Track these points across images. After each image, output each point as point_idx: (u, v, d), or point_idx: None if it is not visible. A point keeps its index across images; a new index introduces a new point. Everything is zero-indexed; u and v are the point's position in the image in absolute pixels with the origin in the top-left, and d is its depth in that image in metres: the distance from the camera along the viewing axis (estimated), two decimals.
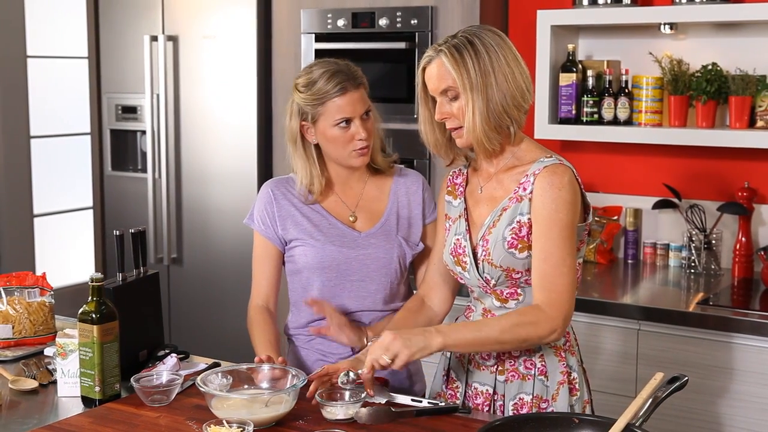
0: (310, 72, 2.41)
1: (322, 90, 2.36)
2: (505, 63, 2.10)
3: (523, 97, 2.13)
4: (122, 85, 4.78)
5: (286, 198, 2.50)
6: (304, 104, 2.40)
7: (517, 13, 4.04)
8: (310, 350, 2.53)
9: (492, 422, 1.86)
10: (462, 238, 2.23)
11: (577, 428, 1.85)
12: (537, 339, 2.10)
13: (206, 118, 4.55)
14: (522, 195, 2.13)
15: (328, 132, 2.39)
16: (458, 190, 2.31)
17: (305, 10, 4.22)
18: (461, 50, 2.11)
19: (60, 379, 2.29)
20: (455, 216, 2.28)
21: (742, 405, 3.02)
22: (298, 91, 2.42)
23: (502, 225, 2.15)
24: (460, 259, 2.23)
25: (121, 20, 4.73)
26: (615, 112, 3.69)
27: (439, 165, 3.97)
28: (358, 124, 2.38)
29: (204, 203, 4.59)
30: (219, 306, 4.58)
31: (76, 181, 5.23)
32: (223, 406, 2.06)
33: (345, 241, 2.46)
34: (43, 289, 2.74)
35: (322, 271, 2.46)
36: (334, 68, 2.39)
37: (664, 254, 3.78)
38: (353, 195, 2.52)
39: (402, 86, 4.02)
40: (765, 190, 3.60)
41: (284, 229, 2.49)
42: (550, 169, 2.11)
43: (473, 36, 2.13)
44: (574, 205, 2.10)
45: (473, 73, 2.09)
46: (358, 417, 2.06)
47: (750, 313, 3.08)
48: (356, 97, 2.39)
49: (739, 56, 3.56)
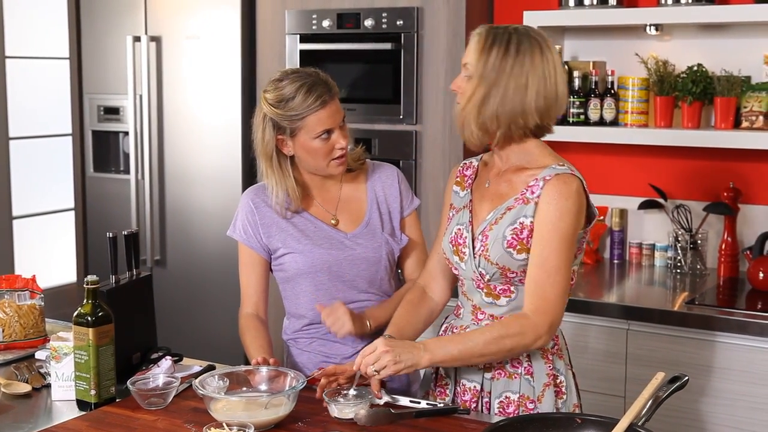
0: (282, 87, 2.37)
1: (302, 105, 2.34)
2: (525, 74, 2.09)
3: (524, 115, 2.11)
4: (104, 86, 4.75)
5: (267, 205, 2.49)
6: (281, 119, 2.37)
7: (502, 14, 4.05)
8: (311, 353, 2.53)
9: (497, 423, 1.87)
10: (464, 228, 2.24)
11: (580, 428, 1.86)
12: (523, 348, 2.13)
13: (190, 119, 4.52)
14: (529, 198, 2.14)
15: (309, 144, 2.38)
16: (467, 181, 2.32)
17: (290, 10, 4.21)
18: (495, 41, 2.11)
19: (54, 383, 2.27)
20: (460, 206, 2.30)
21: (728, 403, 3.05)
22: (272, 107, 2.37)
23: (504, 223, 2.16)
24: (460, 249, 2.24)
25: (103, 21, 4.69)
26: (601, 112, 3.71)
27: (424, 166, 3.97)
28: (338, 133, 2.39)
29: (188, 205, 4.56)
30: (203, 308, 4.55)
31: (57, 183, 5.19)
32: (223, 408, 2.05)
33: (333, 243, 2.46)
34: (33, 292, 2.72)
35: (315, 275, 2.46)
36: (309, 81, 2.37)
37: (649, 254, 3.80)
38: (331, 198, 2.52)
39: (388, 87, 4.02)
40: (750, 190, 3.64)
41: (269, 237, 2.48)
42: (562, 178, 2.12)
43: (516, 35, 2.12)
44: (577, 216, 2.12)
45: (491, 66, 2.10)
46: (358, 419, 2.06)
47: (736, 312, 3.10)
48: (335, 108, 2.39)
49: (725, 57, 3.59)
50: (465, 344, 2.12)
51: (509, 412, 2.19)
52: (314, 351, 2.52)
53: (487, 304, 2.22)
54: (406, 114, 3.99)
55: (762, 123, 3.46)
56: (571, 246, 2.11)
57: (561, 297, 2.11)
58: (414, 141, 3.98)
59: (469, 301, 2.26)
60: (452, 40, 3.87)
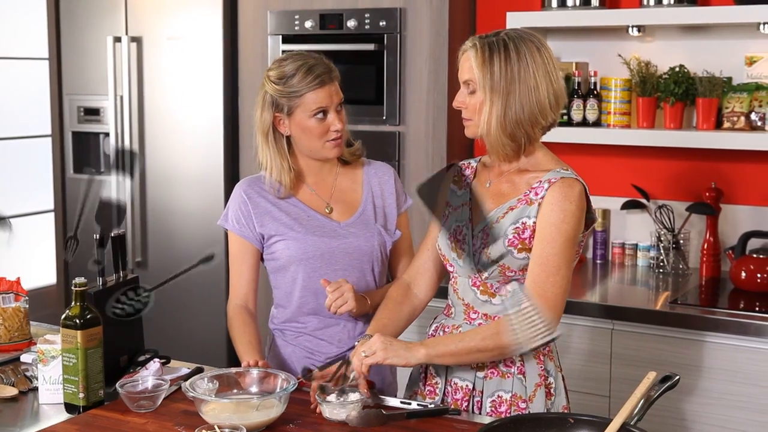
0: (284, 65, 2.45)
1: (301, 82, 2.41)
2: (533, 75, 2.12)
3: (543, 113, 2.14)
4: (84, 87, 4.71)
5: (260, 195, 2.51)
6: (279, 96, 2.43)
7: (485, 15, 4.06)
8: (296, 347, 2.53)
9: (490, 423, 1.87)
10: (464, 226, 2.25)
11: (573, 428, 1.87)
12: (517, 346, 2.13)
13: (171, 119, 4.50)
14: (533, 199, 2.16)
15: (305, 123, 2.43)
16: (465, 181, 2.34)
17: (272, 11, 4.20)
18: (493, 50, 2.12)
19: (41, 386, 2.25)
20: (457, 204, 2.31)
21: (712, 402, 3.07)
22: (273, 83, 2.44)
23: (506, 222, 2.18)
24: (459, 245, 2.25)
25: (83, 21, 4.66)
26: (584, 113, 3.73)
27: (408, 166, 3.98)
28: (334, 115, 2.44)
29: (169, 205, 4.54)
30: (185, 310, 4.53)
31: (35, 184, 5.15)
32: (213, 410, 2.05)
33: (325, 231, 2.48)
34: (17, 294, 2.69)
35: (307, 263, 2.47)
36: (311, 62, 2.45)
37: (632, 254, 3.82)
38: (326, 187, 2.54)
39: (371, 88, 4.01)
40: (731, 190, 3.66)
41: (262, 226, 2.49)
42: (567, 182, 2.15)
43: (511, 40, 2.14)
44: (579, 219, 2.15)
45: (497, 76, 2.11)
46: (349, 420, 2.06)
47: (719, 311, 3.12)
48: (333, 90, 2.45)
49: (706, 58, 3.62)
50: (462, 340, 2.16)
51: (501, 412, 2.20)
52: (299, 345, 2.53)
53: (481, 302, 2.23)
54: (389, 115, 3.99)
55: (743, 124, 3.49)
56: (572, 248, 2.14)
57: (560, 297, 2.13)
58: (397, 142, 3.99)
59: (460, 301, 2.27)
60: (435, 41, 3.87)
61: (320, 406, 2.11)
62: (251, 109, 2.40)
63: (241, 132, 4.37)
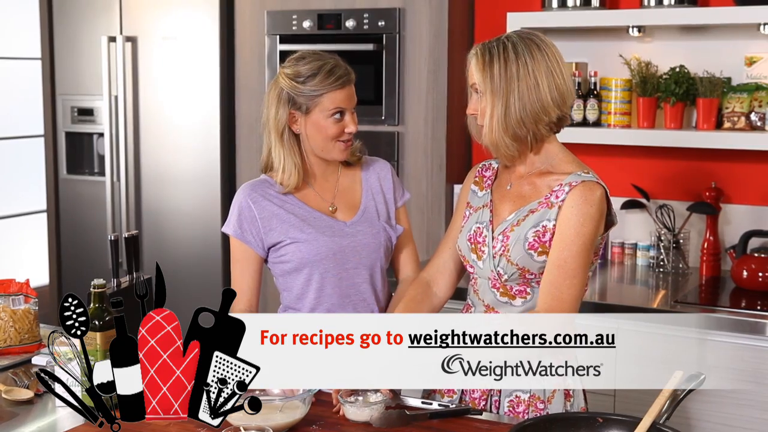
0: (304, 64, 2.44)
1: (323, 82, 2.41)
2: (532, 73, 2.12)
3: (545, 110, 2.14)
4: (78, 87, 4.68)
5: (266, 199, 2.49)
6: (298, 94, 2.42)
7: (484, 15, 4.06)
8: None
9: (522, 422, 1.88)
10: (484, 227, 2.25)
11: (602, 428, 1.88)
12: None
13: (166, 120, 4.48)
14: (553, 202, 2.17)
15: (321, 122, 2.43)
16: (486, 182, 2.34)
17: (269, 11, 4.19)
18: (493, 53, 2.14)
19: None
20: (478, 205, 2.31)
21: (716, 401, 3.08)
22: (292, 81, 2.43)
23: (526, 225, 2.17)
24: (479, 247, 2.25)
25: (76, 20, 4.63)
26: (584, 113, 3.75)
27: (407, 167, 3.98)
28: (350, 117, 2.45)
29: (164, 207, 4.52)
30: (179, 310, 4.49)
31: (28, 185, 5.11)
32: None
33: (334, 231, 2.49)
34: (27, 296, 2.67)
35: (320, 263, 2.47)
36: (332, 62, 2.45)
37: (631, 254, 3.84)
38: (329, 187, 2.55)
39: (370, 88, 4.01)
40: (731, 190, 3.69)
41: (269, 231, 2.47)
42: (588, 185, 2.15)
43: (510, 41, 2.15)
44: (598, 223, 2.16)
45: (497, 78, 2.13)
46: (372, 421, 2.06)
47: (721, 309, 3.15)
48: (351, 92, 2.47)
49: (707, 59, 3.64)
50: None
51: (519, 412, 2.21)
52: None
53: (501, 303, 2.23)
54: (388, 115, 3.99)
55: (743, 124, 3.52)
56: (590, 251, 2.15)
57: (575, 300, 2.13)
58: (396, 142, 3.99)
59: (480, 301, 2.27)
60: (434, 41, 3.88)
61: (343, 407, 2.11)
62: (248, 110, 2.41)
63: (238, 133, 4.36)
